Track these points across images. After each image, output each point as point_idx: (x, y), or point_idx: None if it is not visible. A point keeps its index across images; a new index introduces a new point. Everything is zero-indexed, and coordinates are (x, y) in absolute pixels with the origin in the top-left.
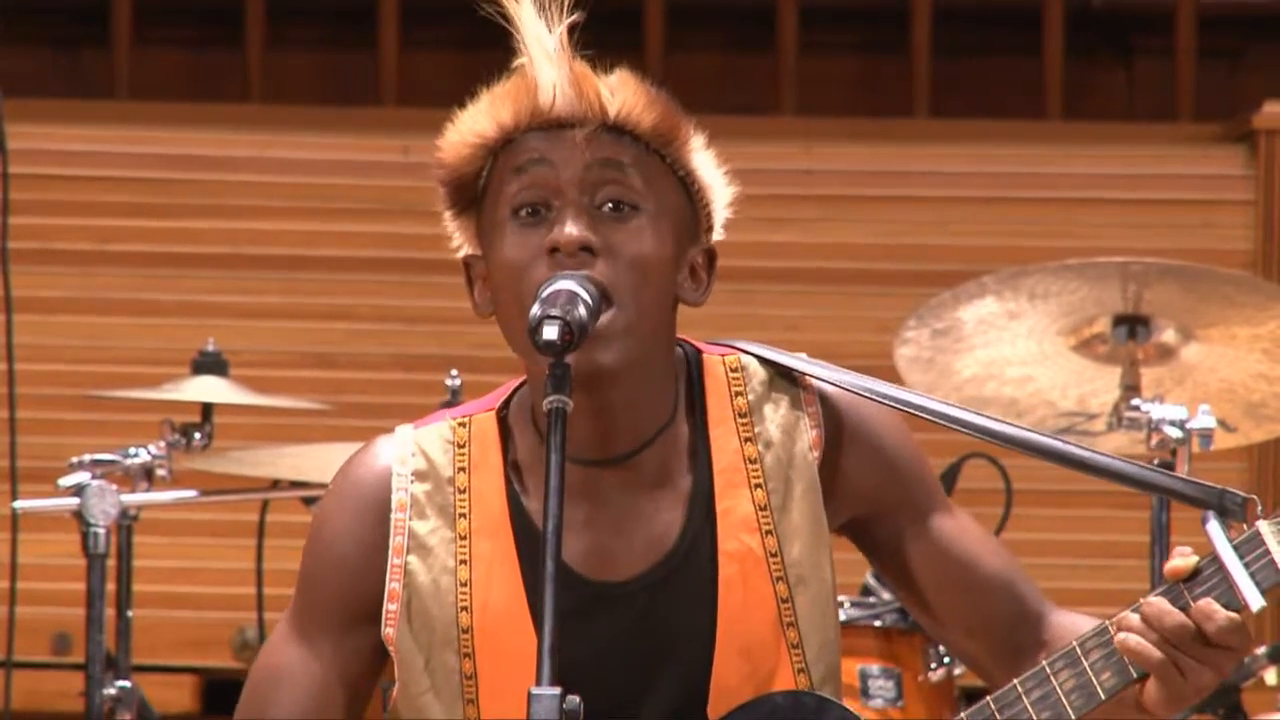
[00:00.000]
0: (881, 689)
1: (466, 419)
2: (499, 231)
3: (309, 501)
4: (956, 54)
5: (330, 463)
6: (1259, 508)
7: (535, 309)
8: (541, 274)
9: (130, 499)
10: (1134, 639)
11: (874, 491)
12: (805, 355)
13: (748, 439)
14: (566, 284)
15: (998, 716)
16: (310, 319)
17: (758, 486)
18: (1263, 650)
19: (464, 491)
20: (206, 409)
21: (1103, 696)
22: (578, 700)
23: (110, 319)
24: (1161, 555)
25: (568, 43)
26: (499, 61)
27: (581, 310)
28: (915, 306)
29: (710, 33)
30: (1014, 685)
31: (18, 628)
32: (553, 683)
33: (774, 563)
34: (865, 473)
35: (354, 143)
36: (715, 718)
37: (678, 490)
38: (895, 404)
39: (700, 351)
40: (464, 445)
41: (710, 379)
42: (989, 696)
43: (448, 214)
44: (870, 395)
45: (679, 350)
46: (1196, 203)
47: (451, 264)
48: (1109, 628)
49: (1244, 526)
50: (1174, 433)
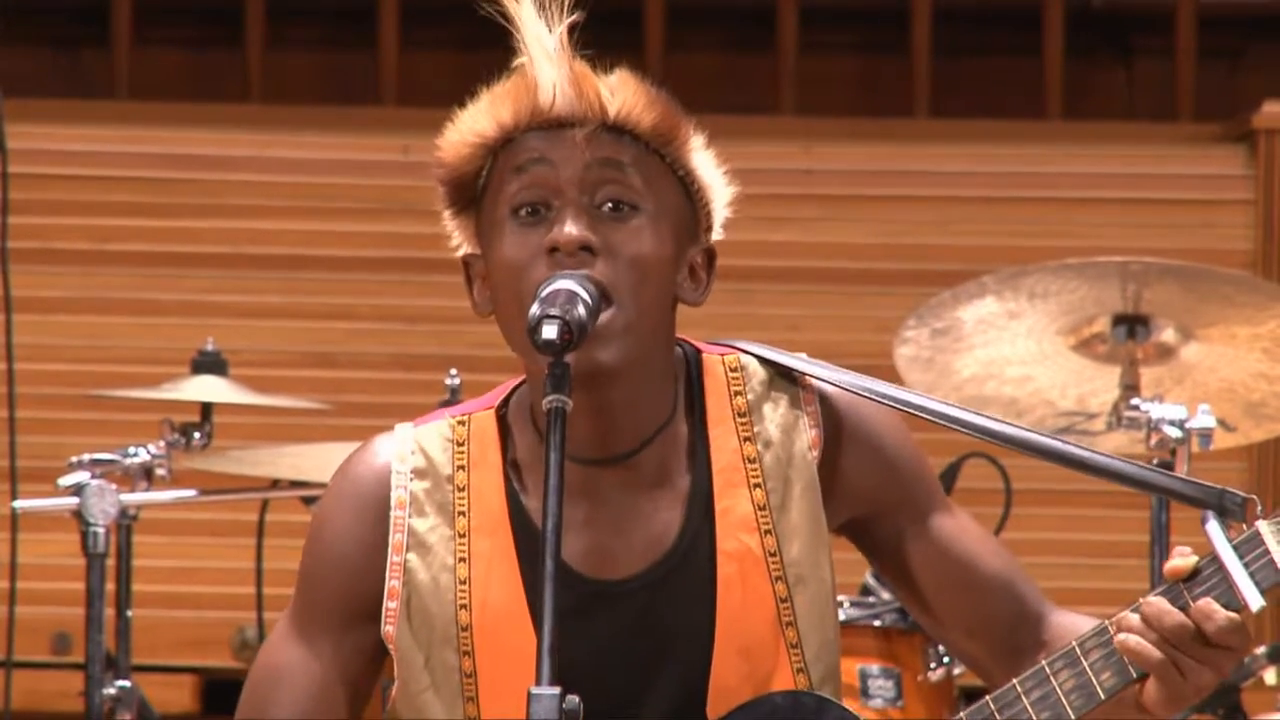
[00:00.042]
0: (881, 689)
1: (466, 417)
2: (498, 231)
3: (309, 501)
4: (956, 54)
5: (330, 463)
6: (1259, 508)
7: (534, 308)
8: (541, 273)
9: (130, 499)
10: (1134, 639)
11: (873, 491)
12: (805, 355)
13: (747, 438)
14: (566, 283)
15: (997, 716)
16: (310, 319)
17: (757, 486)
18: (1263, 650)
19: (463, 489)
20: (206, 409)
21: (1102, 696)
22: (577, 700)
23: (110, 319)
24: (1161, 555)
25: (568, 42)
26: (499, 61)
27: (581, 310)
28: (915, 306)
29: (710, 33)
30: (1013, 685)
31: (18, 628)
32: (552, 682)
33: (773, 562)
34: (865, 472)
35: (354, 143)
36: (714, 717)
37: (677, 489)
38: (895, 404)
39: (700, 351)
40: (463, 443)
41: (710, 378)
42: (988, 696)
43: (447, 213)
44: (870, 395)
45: (678, 350)
46: (1196, 203)
47: (451, 263)
48: (1108, 628)
49: (1243, 526)
50: (1173, 432)
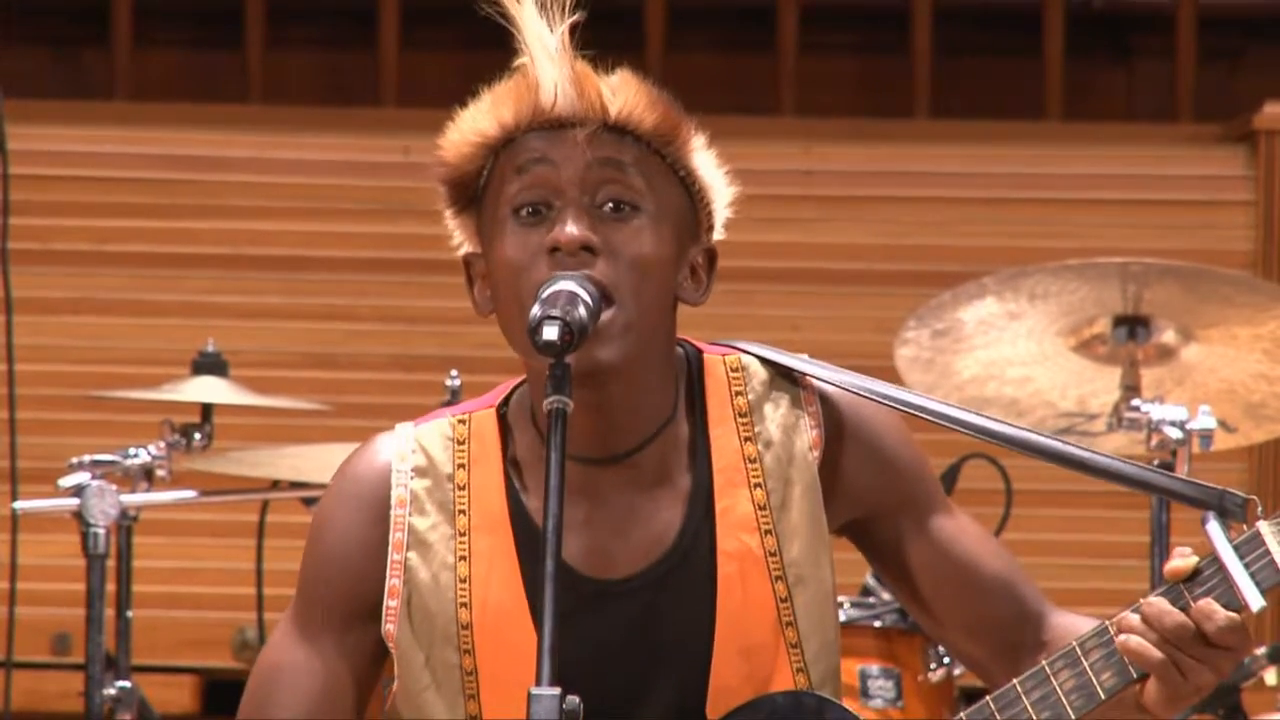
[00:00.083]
0: (881, 689)
1: (467, 416)
2: (499, 230)
3: (309, 501)
4: (956, 54)
5: (330, 463)
6: (1259, 508)
7: (535, 309)
8: (542, 273)
9: (130, 499)
10: (1134, 639)
11: (874, 491)
12: (806, 356)
13: (748, 438)
14: (566, 285)
15: (997, 716)
16: (310, 319)
17: (757, 486)
18: (1263, 650)
19: (464, 488)
20: (206, 409)
21: (1103, 696)
22: (577, 700)
23: (110, 319)
24: (1161, 556)
25: (569, 42)
26: (500, 62)
27: (581, 311)
28: (915, 306)
29: (710, 33)
30: (1014, 685)
31: (18, 628)
32: (552, 682)
33: (773, 562)
34: (865, 473)
35: (354, 143)
36: (714, 717)
37: (677, 489)
38: (896, 404)
39: (701, 351)
40: (464, 442)
41: (710, 378)
42: (988, 696)
43: (448, 212)
44: (871, 395)
45: (680, 350)
46: (1196, 203)
47: (452, 264)
48: (1109, 628)
49: (1244, 527)
50: (1174, 433)
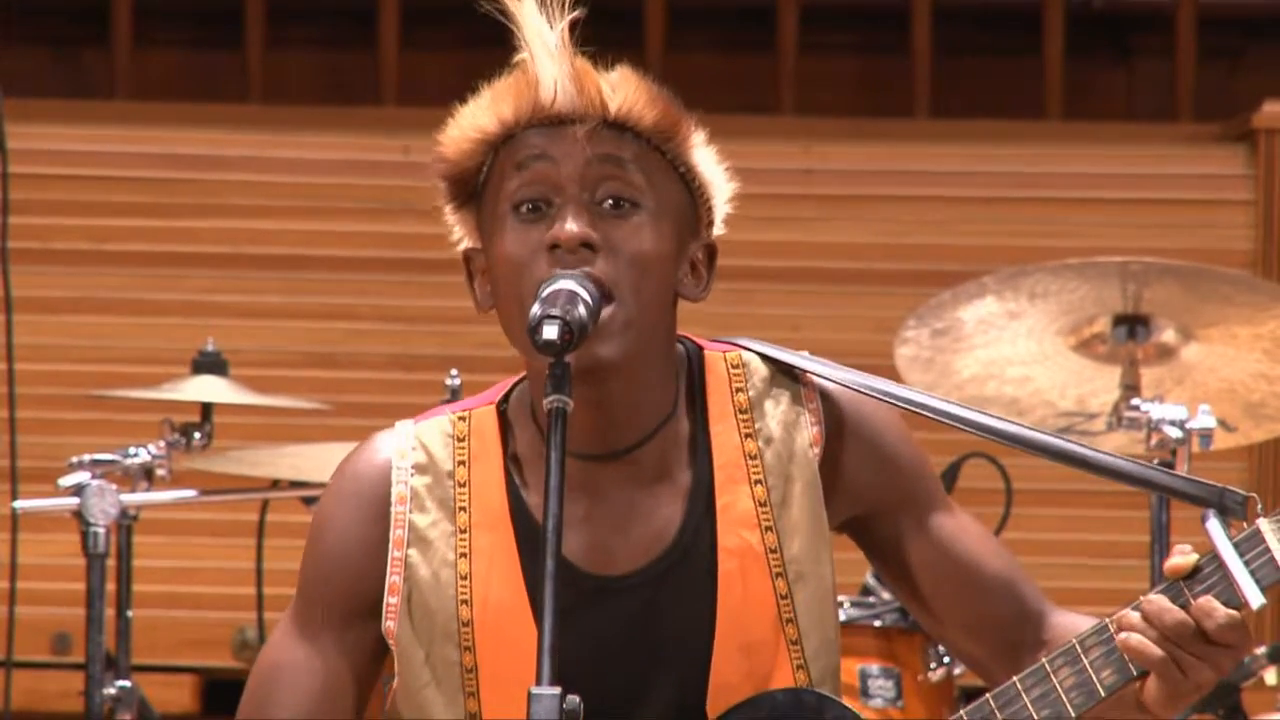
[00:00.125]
0: (881, 689)
1: (467, 413)
2: (499, 227)
3: (309, 501)
4: (956, 54)
5: (330, 462)
6: (1259, 506)
7: (535, 308)
8: (542, 270)
9: (130, 499)
10: (1134, 637)
11: (874, 489)
12: (807, 354)
13: (748, 435)
14: (566, 284)
15: (998, 714)
16: (310, 319)
17: (758, 482)
18: (1263, 650)
19: (464, 485)
20: (206, 409)
21: (1103, 694)
22: (577, 700)
23: (110, 319)
24: (1161, 555)
25: (569, 39)
26: (500, 61)
27: (581, 310)
28: (915, 306)
29: (710, 32)
30: (1014, 683)
31: (18, 628)
32: (552, 681)
33: (773, 559)
34: (865, 469)
35: (354, 143)
36: (714, 714)
37: (678, 485)
38: (896, 401)
39: (701, 348)
40: (464, 439)
41: (711, 375)
42: (989, 694)
43: (448, 208)
44: (871, 393)
45: (680, 346)
46: (1196, 203)
47: (452, 264)
48: (1109, 626)
49: (1244, 525)
50: (1174, 432)
